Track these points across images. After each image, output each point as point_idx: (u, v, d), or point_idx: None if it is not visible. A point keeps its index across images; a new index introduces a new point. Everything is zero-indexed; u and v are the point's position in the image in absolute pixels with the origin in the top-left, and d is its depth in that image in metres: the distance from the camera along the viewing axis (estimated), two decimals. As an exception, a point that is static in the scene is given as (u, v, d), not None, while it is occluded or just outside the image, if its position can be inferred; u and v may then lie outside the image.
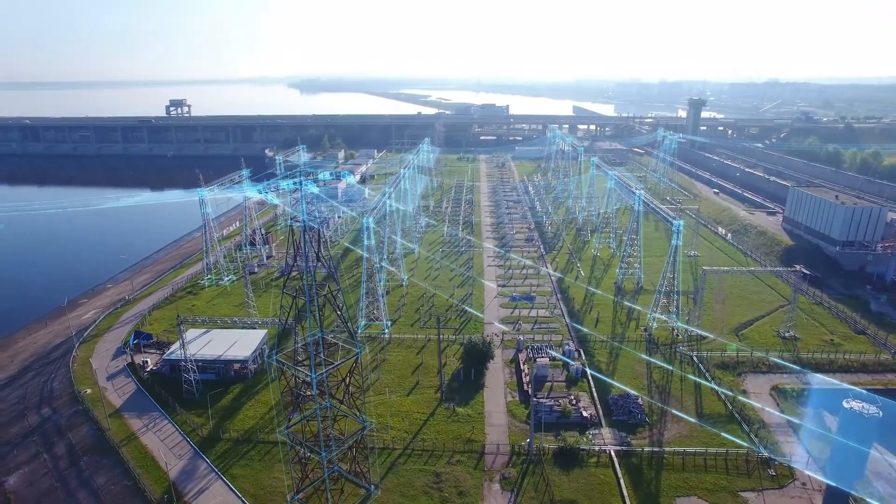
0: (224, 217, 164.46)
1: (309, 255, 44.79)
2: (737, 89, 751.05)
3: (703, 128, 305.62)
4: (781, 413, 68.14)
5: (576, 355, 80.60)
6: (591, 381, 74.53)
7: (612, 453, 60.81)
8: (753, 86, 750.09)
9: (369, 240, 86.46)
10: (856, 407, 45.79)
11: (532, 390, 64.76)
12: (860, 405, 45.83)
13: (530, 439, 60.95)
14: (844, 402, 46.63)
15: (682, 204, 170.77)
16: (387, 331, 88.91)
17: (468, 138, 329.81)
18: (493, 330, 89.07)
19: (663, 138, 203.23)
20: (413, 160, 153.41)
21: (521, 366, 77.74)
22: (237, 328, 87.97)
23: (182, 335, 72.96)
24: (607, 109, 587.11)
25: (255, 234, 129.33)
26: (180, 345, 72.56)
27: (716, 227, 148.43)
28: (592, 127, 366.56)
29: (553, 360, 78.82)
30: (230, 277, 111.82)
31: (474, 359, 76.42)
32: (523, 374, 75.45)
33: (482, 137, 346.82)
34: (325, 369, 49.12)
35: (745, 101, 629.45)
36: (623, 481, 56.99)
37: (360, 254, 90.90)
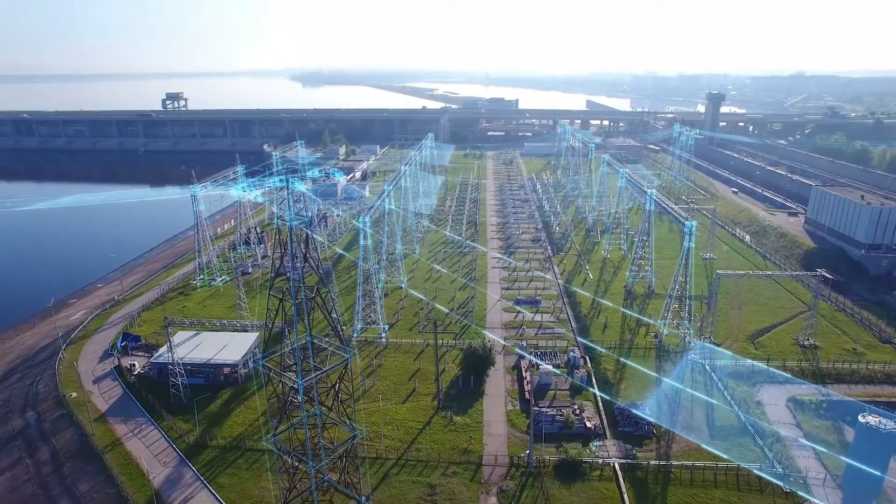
0: (219, 215, 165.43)
1: (296, 257, 44.81)
2: (759, 83, 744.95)
3: (722, 123, 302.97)
4: (798, 426, 67.28)
5: (581, 363, 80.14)
6: (597, 390, 74.05)
7: (617, 466, 60.33)
8: (777, 79, 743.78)
9: (366, 240, 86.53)
10: (872, 422, 45.02)
11: (533, 399, 64.46)
12: (877, 420, 45.03)
13: (530, 450, 60.63)
14: (860, 417, 45.88)
15: (698, 203, 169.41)
16: (384, 335, 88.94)
17: (475, 134, 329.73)
18: (497, 335, 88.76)
19: (679, 134, 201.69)
20: (415, 156, 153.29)
21: (523, 373, 77.41)
22: (227, 331, 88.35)
23: (169, 338, 73.38)
24: (622, 104, 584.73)
25: (250, 233, 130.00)
26: (168, 347, 72.99)
27: (734, 228, 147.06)
28: (606, 122, 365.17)
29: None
30: (223, 278, 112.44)
31: (474, 365, 76.22)
32: (525, 382, 75.12)
33: (490, 133, 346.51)
34: (312, 375, 49.12)
35: (768, 96, 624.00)
36: (627, 496, 56.51)
37: (359, 254, 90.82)
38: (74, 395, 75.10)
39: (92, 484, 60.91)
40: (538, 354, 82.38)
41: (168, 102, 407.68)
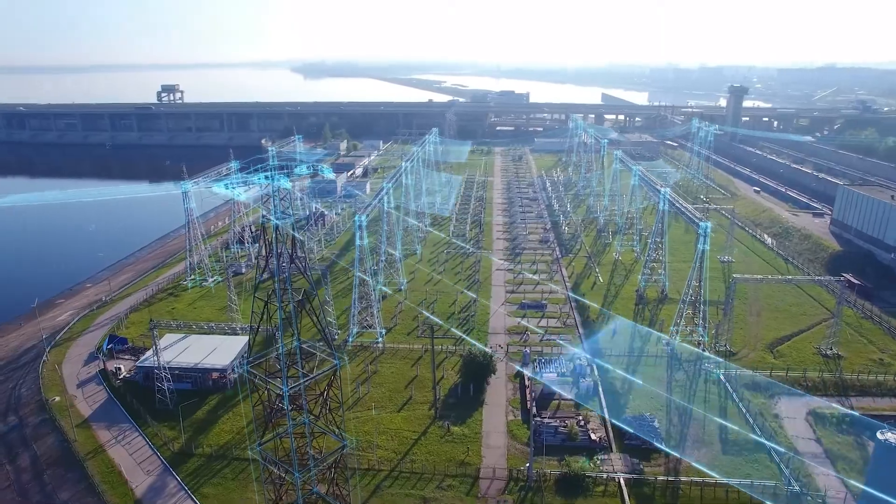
0: (214, 213, 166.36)
1: (281, 258, 44.75)
2: (787, 75, 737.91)
3: (745, 118, 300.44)
4: (818, 441, 66.30)
5: (587, 371, 79.56)
6: (604, 400, 73.45)
7: (622, 482, 59.75)
8: (806, 71, 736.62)
9: (362, 240, 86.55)
10: (891, 439, 44.15)
11: (535, 409, 64.05)
12: (897, 437, 44.19)
13: (530, 464, 60.24)
14: (879, 434, 45.01)
15: (716, 203, 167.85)
16: (380, 339, 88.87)
17: (483, 129, 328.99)
18: (500, 341, 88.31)
19: (698, 130, 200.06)
20: (417, 152, 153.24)
21: (526, 381, 76.96)
22: (215, 333, 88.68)
23: (155, 341, 73.79)
24: (640, 98, 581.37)
25: (245, 231, 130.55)
26: (153, 351, 73.39)
27: (754, 229, 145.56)
28: (621, 117, 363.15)
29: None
30: (215, 278, 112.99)
31: (474, 373, 75.92)
32: (527, 391, 74.68)
33: (499, 128, 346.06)
34: (299, 382, 49.05)
35: (795, 89, 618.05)
36: (632, 513, 55.95)
37: (355, 254, 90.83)
38: (57, 399, 75.71)
39: (73, 492, 61.30)
40: (542, 362, 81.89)
41: (163, 95, 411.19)
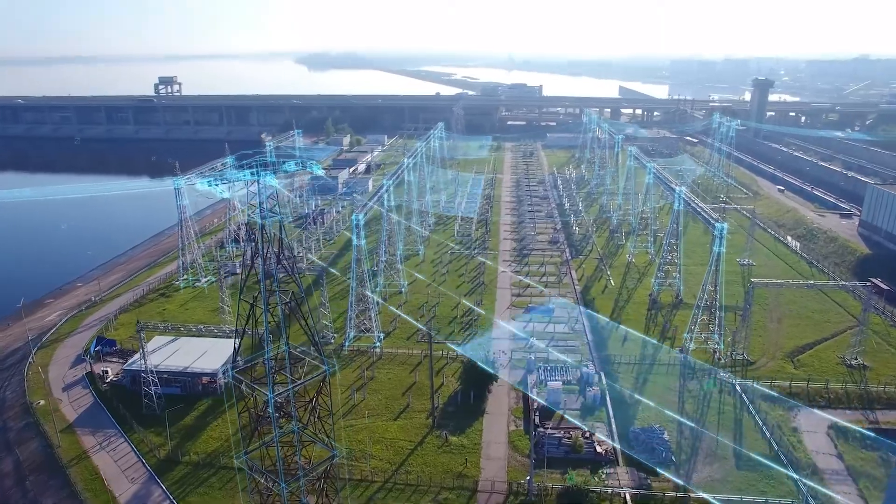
0: (209, 210, 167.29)
1: (267, 259, 44.78)
2: (816, 67, 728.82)
3: (770, 113, 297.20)
4: (839, 457, 65.28)
5: (595, 379, 78.99)
6: (611, 411, 72.85)
7: (628, 497, 59.23)
8: (837, 63, 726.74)
9: (359, 240, 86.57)
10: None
11: (538, 419, 63.64)
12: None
13: (530, 476, 59.86)
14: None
15: (736, 202, 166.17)
16: (378, 344, 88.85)
17: (493, 123, 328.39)
18: (504, 346, 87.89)
19: (719, 125, 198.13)
20: (422, 148, 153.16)
21: (530, 390, 76.55)
22: (206, 336, 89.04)
23: (143, 343, 74.26)
24: (660, 91, 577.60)
25: (240, 230, 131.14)
26: (141, 354, 73.85)
27: (777, 230, 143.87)
28: (638, 111, 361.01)
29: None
30: (208, 279, 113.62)
31: (475, 380, 75.61)
32: (531, 400, 74.26)
33: (510, 122, 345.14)
34: (288, 388, 49.07)
35: (825, 82, 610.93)
36: (638, 531, 55.42)
37: (352, 255, 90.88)
38: (42, 402, 76.44)
39: (55, 499, 61.82)
40: (548, 369, 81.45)
41: (161, 87, 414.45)
